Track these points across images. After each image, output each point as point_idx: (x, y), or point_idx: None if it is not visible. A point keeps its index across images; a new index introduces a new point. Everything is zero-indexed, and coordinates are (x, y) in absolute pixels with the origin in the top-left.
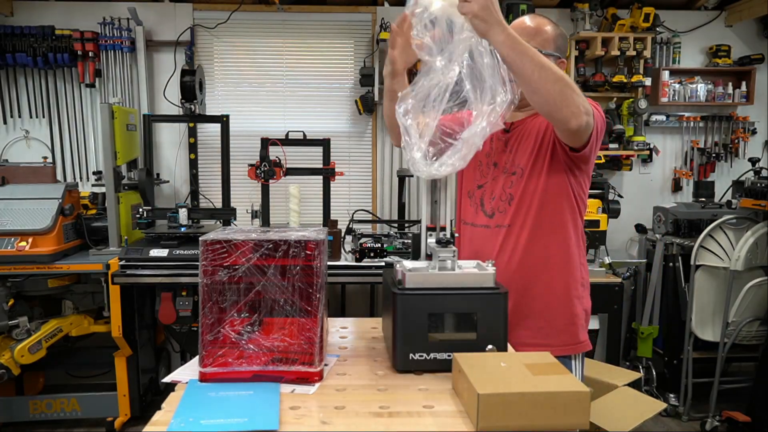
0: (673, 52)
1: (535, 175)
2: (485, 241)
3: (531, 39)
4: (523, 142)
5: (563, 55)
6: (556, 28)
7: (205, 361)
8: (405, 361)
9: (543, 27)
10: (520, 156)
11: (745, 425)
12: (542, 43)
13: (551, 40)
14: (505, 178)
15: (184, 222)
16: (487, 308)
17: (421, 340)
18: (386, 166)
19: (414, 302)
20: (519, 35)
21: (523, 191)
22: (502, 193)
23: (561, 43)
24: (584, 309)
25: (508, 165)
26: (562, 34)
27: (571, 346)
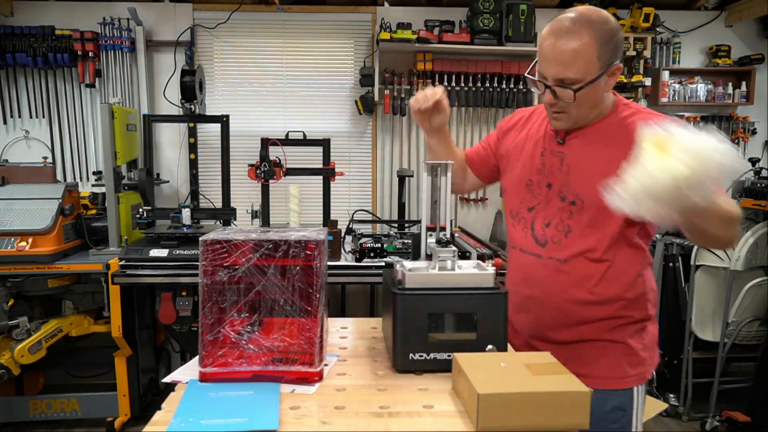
0: (673, 52)
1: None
2: (536, 271)
3: (566, 68)
4: (585, 164)
5: (616, 59)
6: (598, 34)
7: (205, 361)
8: (405, 361)
9: (578, 49)
10: (581, 183)
11: (745, 425)
12: (585, 70)
13: (595, 59)
14: (562, 206)
15: (187, 222)
16: (487, 308)
17: (421, 340)
18: (386, 166)
19: (414, 302)
20: (551, 64)
21: (584, 227)
22: (559, 222)
23: (610, 47)
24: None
25: (564, 190)
26: (609, 31)
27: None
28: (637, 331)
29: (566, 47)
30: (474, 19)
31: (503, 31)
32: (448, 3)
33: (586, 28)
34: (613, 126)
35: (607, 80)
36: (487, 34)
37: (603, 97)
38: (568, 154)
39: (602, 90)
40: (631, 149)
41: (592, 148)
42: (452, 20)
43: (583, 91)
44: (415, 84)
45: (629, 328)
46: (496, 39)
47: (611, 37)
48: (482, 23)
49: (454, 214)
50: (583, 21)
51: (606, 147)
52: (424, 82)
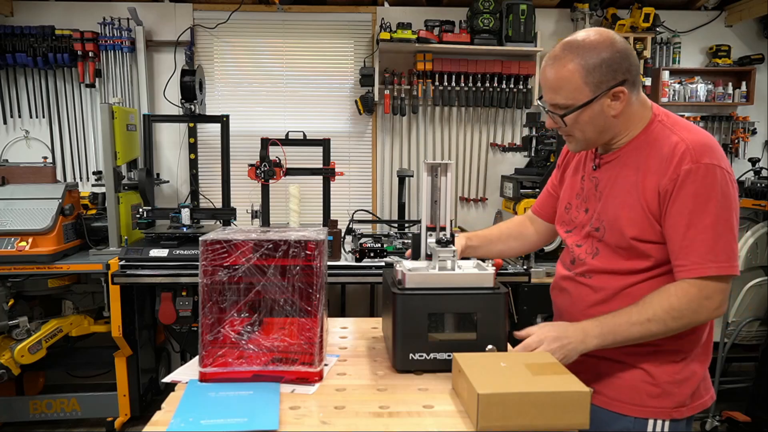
0: (673, 52)
1: (616, 236)
2: (565, 283)
3: (555, 94)
4: (615, 191)
5: (614, 82)
6: (585, 59)
7: (205, 361)
8: (405, 360)
9: (563, 75)
10: (607, 209)
11: (745, 425)
12: (572, 96)
13: (582, 84)
14: (590, 231)
15: (186, 222)
16: (486, 308)
17: (421, 340)
18: (386, 166)
19: (414, 302)
20: (544, 90)
21: (612, 252)
22: (590, 245)
23: (601, 72)
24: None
25: (596, 216)
26: (601, 56)
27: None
28: (669, 363)
29: (552, 74)
30: (474, 19)
31: (503, 31)
32: (448, 3)
33: (574, 54)
34: (641, 147)
35: (610, 104)
36: (487, 34)
37: (611, 120)
38: (602, 180)
39: (605, 113)
40: (651, 172)
41: (621, 172)
42: (452, 20)
43: (576, 116)
44: (414, 84)
45: (657, 358)
46: (496, 39)
47: (603, 61)
48: (482, 23)
49: (454, 214)
50: (573, 47)
51: (629, 173)
52: (424, 82)
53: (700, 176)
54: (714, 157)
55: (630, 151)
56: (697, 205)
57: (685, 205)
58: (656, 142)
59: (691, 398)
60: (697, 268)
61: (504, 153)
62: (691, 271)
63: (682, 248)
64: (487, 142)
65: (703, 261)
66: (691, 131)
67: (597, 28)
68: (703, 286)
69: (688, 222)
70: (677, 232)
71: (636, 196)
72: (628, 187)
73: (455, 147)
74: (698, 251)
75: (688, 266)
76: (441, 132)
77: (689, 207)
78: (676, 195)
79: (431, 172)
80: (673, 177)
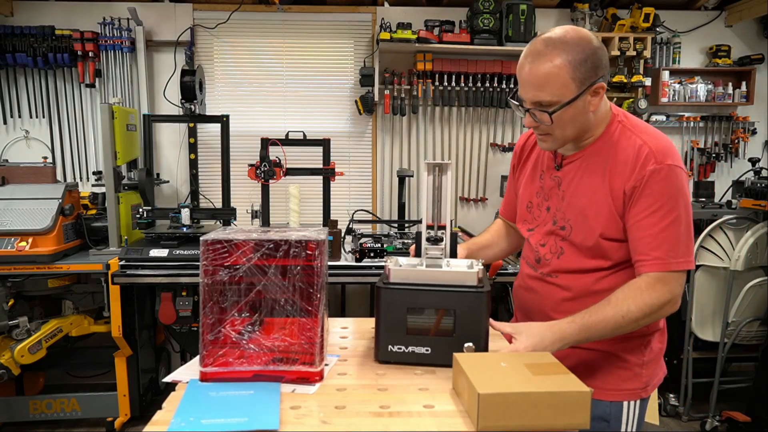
0: (673, 52)
1: (583, 234)
2: (532, 282)
3: (540, 91)
4: (578, 191)
5: (596, 78)
6: (572, 54)
7: (206, 360)
8: (385, 352)
9: (549, 71)
10: (571, 209)
11: (745, 425)
12: (560, 92)
13: (569, 80)
14: (554, 229)
15: (186, 222)
16: (467, 306)
17: (400, 333)
18: (386, 166)
19: (394, 296)
20: (526, 88)
21: (576, 251)
22: (553, 244)
23: (587, 67)
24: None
25: (558, 215)
26: (585, 51)
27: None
28: (638, 347)
29: (538, 70)
30: (474, 19)
31: (503, 31)
32: (448, 3)
33: (559, 49)
34: (604, 149)
35: (590, 100)
36: (487, 34)
37: (589, 117)
38: (565, 180)
39: (585, 110)
40: (617, 174)
41: (584, 173)
42: (452, 20)
43: (561, 113)
44: (414, 84)
45: (627, 343)
46: (496, 39)
47: (587, 56)
48: (482, 23)
49: (454, 214)
50: (556, 42)
51: (594, 173)
52: (424, 82)
53: (664, 176)
54: (675, 159)
55: (594, 152)
56: (662, 203)
57: (650, 203)
58: (620, 144)
59: (655, 377)
60: (662, 264)
61: (504, 153)
62: (655, 266)
63: (646, 244)
64: (487, 142)
65: (667, 257)
66: (651, 135)
67: (569, 26)
68: (666, 279)
69: (653, 219)
70: (642, 228)
71: (603, 195)
72: (595, 187)
73: (455, 147)
74: (663, 247)
75: (652, 261)
76: (441, 132)
77: (654, 205)
78: (641, 193)
79: (431, 172)
80: (638, 177)
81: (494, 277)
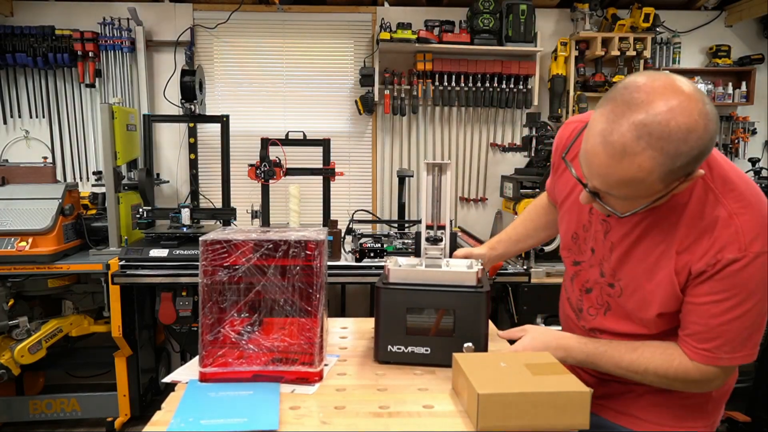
0: (673, 52)
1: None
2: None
3: (617, 191)
4: (632, 250)
5: (694, 170)
6: (668, 155)
7: (205, 361)
8: (385, 352)
9: (635, 176)
10: (621, 268)
11: (745, 425)
12: (638, 193)
13: (657, 185)
14: (602, 282)
15: (186, 222)
16: (466, 306)
17: (400, 333)
18: (386, 166)
19: (393, 296)
20: (595, 177)
21: (623, 315)
22: (599, 296)
23: (682, 164)
24: None
25: (605, 265)
26: (688, 149)
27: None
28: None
29: (617, 172)
30: (474, 19)
31: (503, 31)
32: (448, 3)
33: (655, 149)
34: (676, 211)
35: (680, 186)
36: (487, 34)
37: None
38: (615, 230)
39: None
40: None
41: (644, 234)
42: (452, 20)
43: (636, 209)
44: (414, 84)
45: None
46: (496, 39)
47: (691, 149)
48: (482, 23)
49: (454, 214)
50: (653, 137)
51: (657, 238)
52: (424, 82)
53: (745, 267)
54: (766, 244)
55: (661, 213)
56: (732, 294)
57: (717, 291)
58: (697, 209)
59: (717, 412)
60: (709, 358)
61: (504, 153)
62: (700, 357)
63: (698, 332)
64: (487, 142)
65: (718, 351)
66: (743, 203)
67: (675, 92)
68: (706, 372)
69: (714, 309)
70: (697, 314)
71: (666, 270)
72: (657, 256)
73: (455, 147)
74: (715, 341)
75: (698, 351)
76: (441, 132)
77: (722, 294)
78: (709, 278)
79: (431, 172)
80: (711, 262)
81: (494, 277)
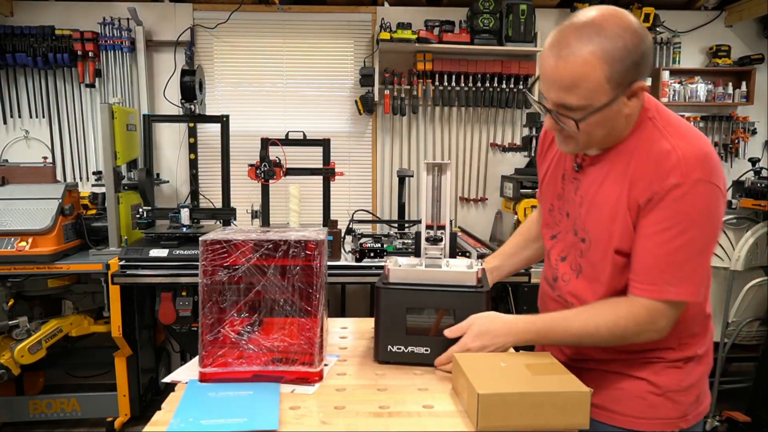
0: (673, 52)
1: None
2: (549, 302)
3: (567, 93)
4: (597, 199)
5: (640, 77)
6: (610, 50)
7: (205, 361)
8: (385, 352)
9: (581, 72)
10: (590, 219)
11: (745, 425)
12: (590, 96)
13: (603, 85)
14: (575, 241)
15: (186, 222)
16: (466, 305)
17: (400, 333)
18: (386, 166)
19: (393, 296)
20: (550, 87)
21: (593, 269)
22: (573, 260)
23: (627, 65)
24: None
25: (578, 223)
26: (626, 45)
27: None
28: (673, 368)
29: (566, 69)
30: (474, 19)
31: (503, 31)
32: (448, 3)
33: (595, 43)
34: (628, 151)
35: (627, 102)
36: (487, 34)
37: (621, 120)
38: (584, 184)
39: (619, 113)
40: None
41: (605, 179)
42: (452, 20)
43: (589, 120)
44: (414, 84)
45: (660, 365)
46: (496, 39)
47: (629, 56)
48: (482, 23)
49: (455, 214)
50: (591, 33)
51: (616, 179)
52: (424, 82)
53: (686, 194)
54: (706, 172)
55: (617, 155)
56: (676, 222)
57: (659, 221)
58: (645, 146)
59: (695, 405)
60: (653, 290)
61: (504, 153)
62: (646, 291)
63: (644, 263)
64: (487, 142)
65: (663, 283)
66: (685, 137)
67: (608, 8)
68: (654, 309)
69: (657, 239)
70: (643, 246)
71: (622, 207)
72: (615, 197)
73: (455, 147)
74: (660, 273)
75: (644, 285)
76: (441, 132)
77: (664, 224)
78: (653, 207)
79: (431, 172)
80: (656, 189)
81: None
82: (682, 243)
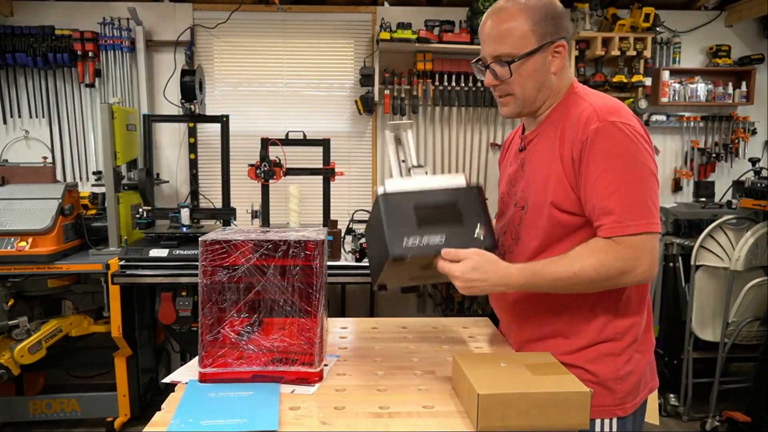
0: (673, 52)
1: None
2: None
3: (500, 44)
4: (535, 166)
5: (557, 36)
6: (531, 9)
7: (205, 361)
8: (399, 246)
9: (510, 24)
10: (528, 185)
11: (745, 425)
12: (518, 44)
13: (528, 34)
14: (515, 211)
15: (186, 222)
16: (465, 200)
17: (412, 227)
18: (386, 166)
19: (398, 199)
20: (486, 43)
21: (529, 231)
22: (512, 230)
23: (547, 23)
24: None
25: (520, 194)
26: (545, 8)
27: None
28: (609, 357)
29: (498, 24)
30: (474, 19)
31: None
32: (448, 3)
33: (519, 5)
34: (557, 118)
35: (551, 60)
36: None
37: (550, 78)
38: (527, 159)
39: (546, 69)
40: (565, 140)
41: (541, 147)
42: (452, 20)
43: (520, 66)
44: (414, 84)
45: (596, 354)
46: None
47: (547, 13)
48: None
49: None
50: (510, 4)
51: (548, 145)
52: (424, 82)
53: (608, 134)
54: (621, 116)
55: (548, 124)
56: (607, 162)
57: (596, 165)
58: (570, 111)
59: (635, 392)
60: (615, 227)
61: None
62: (610, 230)
63: (599, 208)
64: (487, 142)
65: (620, 220)
66: (600, 97)
67: None
68: (629, 244)
69: (602, 181)
70: (593, 193)
71: (555, 166)
72: (549, 158)
73: (455, 147)
74: (615, 210)
75: (607, 226)
76: (441, 132)
77: (600, 166)
78: (587, 156)
79: (394, 131)
80: (582, 139)
81: None
82: (625, 181)
